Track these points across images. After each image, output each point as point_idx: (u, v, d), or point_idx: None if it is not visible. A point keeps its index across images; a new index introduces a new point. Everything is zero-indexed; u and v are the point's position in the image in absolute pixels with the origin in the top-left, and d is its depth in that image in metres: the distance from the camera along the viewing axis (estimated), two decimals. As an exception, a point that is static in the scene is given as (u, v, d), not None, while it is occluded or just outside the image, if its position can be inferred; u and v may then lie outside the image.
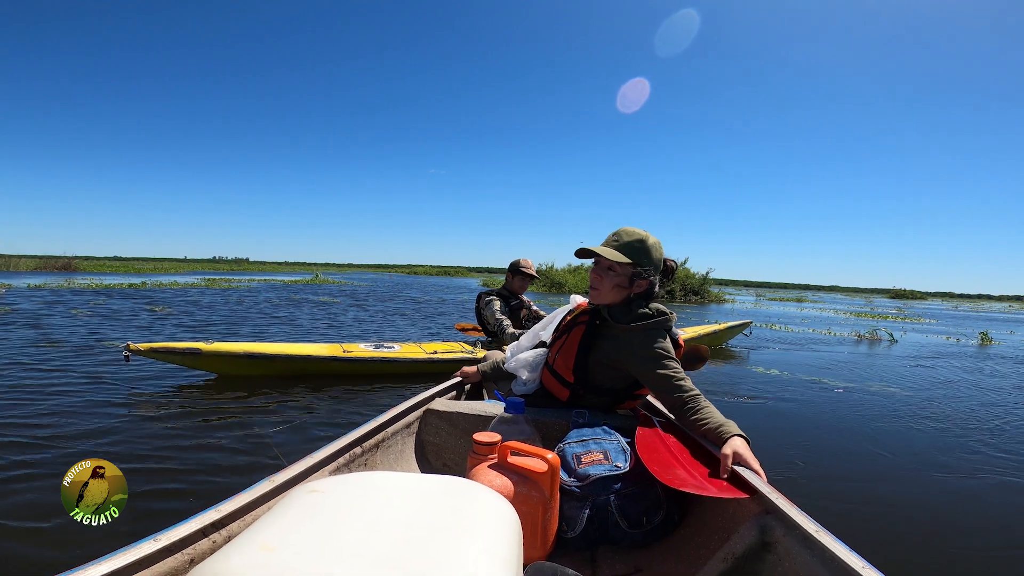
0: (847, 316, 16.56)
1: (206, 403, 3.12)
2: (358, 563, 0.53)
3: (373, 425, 1.43)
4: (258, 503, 0.94)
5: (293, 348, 3.85)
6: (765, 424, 3.41)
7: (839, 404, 4.08)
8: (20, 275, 17.87)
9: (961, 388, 5.00)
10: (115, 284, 14.12)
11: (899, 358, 7.01)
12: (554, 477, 1.06)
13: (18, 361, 3.95)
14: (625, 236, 1.50)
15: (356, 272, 55.76)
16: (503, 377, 1.90)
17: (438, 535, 0.60)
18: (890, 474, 2.59)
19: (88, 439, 2.43)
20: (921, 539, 1.93)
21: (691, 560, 1.10)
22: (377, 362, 3.88)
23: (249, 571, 0.52)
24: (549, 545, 1.08)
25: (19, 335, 5.16)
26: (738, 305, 19.34)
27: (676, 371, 1.41)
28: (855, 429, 3.37)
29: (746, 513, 1.05)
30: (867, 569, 0.75)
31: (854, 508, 2.17)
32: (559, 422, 1.53)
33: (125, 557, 0.70)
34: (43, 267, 22.83)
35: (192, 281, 17.46)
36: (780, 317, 13.77)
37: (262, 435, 2.59)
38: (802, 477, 2.46)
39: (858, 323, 13.28)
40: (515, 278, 4.02)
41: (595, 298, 1.56)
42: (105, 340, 5.07)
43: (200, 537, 0.82)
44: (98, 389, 3.28)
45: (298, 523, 0.61)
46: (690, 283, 20.62)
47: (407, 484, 0.71)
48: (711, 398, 1.45)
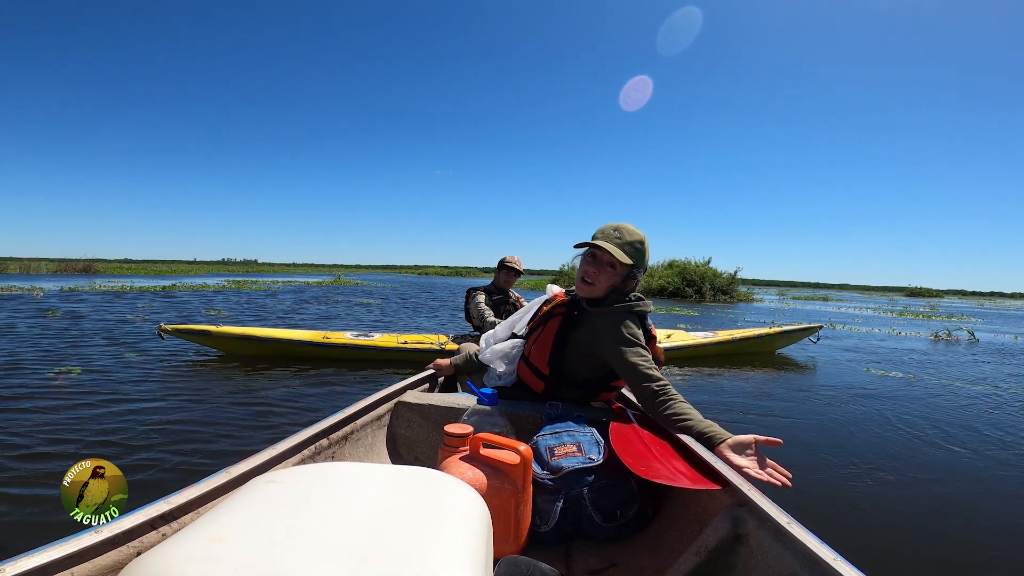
0: (891, 315, 16.21)
1: (213, 373, 3.98)
2: (316, 556, 0.50)
3: (341, 416, 1.38)
4: (213, 495, 0.90)
5: (281, 333, 4.55)
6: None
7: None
8: (42, 278, 17.75)
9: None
10: (148, 287, 14.04)
11: (994, 359, 6.72)
12: (527, 470, 1.04)
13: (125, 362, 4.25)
14: (627, 235, 1.47)
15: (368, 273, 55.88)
16: (476, 369, 1.88)
17: (403, 527, 0.57)
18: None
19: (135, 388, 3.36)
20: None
21: (665, 554, 1.09)
22: (352, 348, 4.40)
23: (195, 563, 0.48)
24: (522, 539, 1.06)
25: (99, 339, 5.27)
26: (765, 304, 18.96)
27: (646, 359, 1.40)
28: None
29: (719, 505, 1.04)
30: (838, 561, 0.74)
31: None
32: (533, 414, 1.51)
33: (62, 549, 0.66)
34: (63, 270, 22.73)
35: (219, 283, 17.40)
36: (826, 317, 13.38)
37: (255, 397, 3.28)
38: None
39: (913, 323, 13.05)
40: (500, 273, 4.23)
41: (587, 292, 1.51)
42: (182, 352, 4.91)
43: (148, 529, 0.78)
44: (162, 357, 4.44)
45: (253, 514, 0.58)
46: (718, 282, 20.28)
47: (371, 475, 0.69)
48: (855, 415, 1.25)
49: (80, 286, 13.23)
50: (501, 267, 4.22)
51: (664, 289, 19.93)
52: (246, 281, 20.41)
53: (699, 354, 5.47)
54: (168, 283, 16.37)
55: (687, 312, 13.14)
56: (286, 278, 27.44)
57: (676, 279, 20.11)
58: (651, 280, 21.21)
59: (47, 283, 14.29)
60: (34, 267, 23.17)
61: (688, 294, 19.33)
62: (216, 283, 17.64)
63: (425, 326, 7.46)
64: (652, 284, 20.67)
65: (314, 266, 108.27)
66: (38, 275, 19.95)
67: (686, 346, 5.29)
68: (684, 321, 10.23)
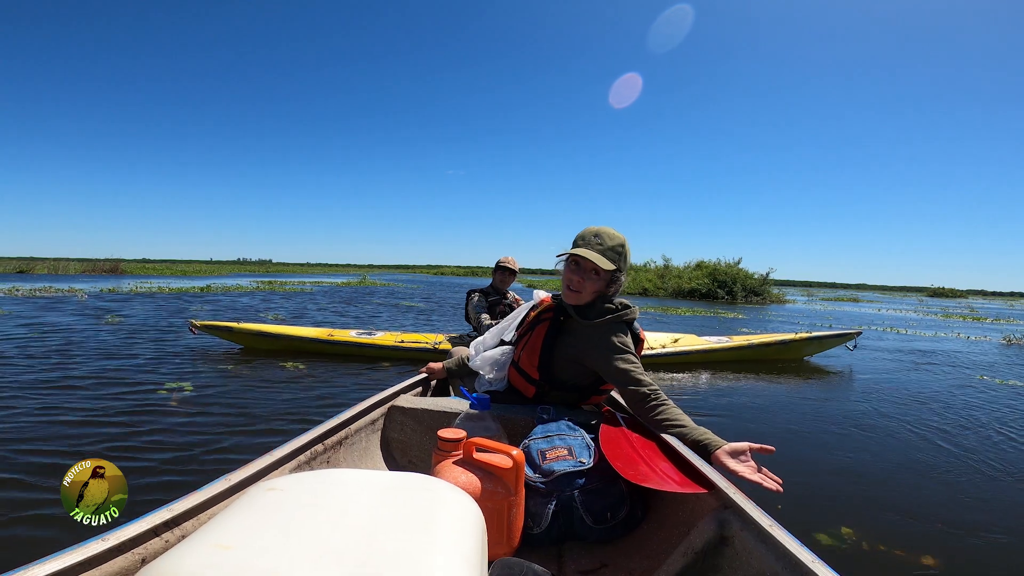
0: (934, 317, 15.74)
1: (233, 364, 4.50)
2: (317, 561, 0.52)
3: (336, 422, 1.40)
4: (214, 501, 0.91)
5: (293, 330, 5.05)
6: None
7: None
8: (70, 278, 17.88)
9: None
10: (185, 288, 14.01)
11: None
12: (519, 473, 1.05)
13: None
14: (608, 240, 1.48)
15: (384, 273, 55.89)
16: (469, 373, 1.90)
17: (400, 532, 0.59)
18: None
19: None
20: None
21: (654, 555, 1.11)
22: (353, 345, 4.88)
23: (203, 571, 0.50)
24: (515, 541, 1.08)
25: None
26: (797, 306, 18.58)
27: (636, 365, 1.43)
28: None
29: (705, 508, 1.06)
30: (816, 563, 0.77)
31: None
32: (525, 418, 1.53)
33: (72, 556, 0.68)
34: (90, 270, 22.89)
35: (249, 284, 17.32)
36: (866, 319, 13.05)
37: (267, 384, 3.81)
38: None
39: (966, 326, 12.84)
40: (497, 274, 4.30)
41: (573, 299, 1.52)
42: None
43: (152, 536, 0.79)
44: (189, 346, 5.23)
45: (256, 521, 0.59)
46: (750, 283, 19.95)
47: (368, 481, 0.70)
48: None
49: (117, 287, 13.27)
50: (497, 268, 4.30)
51: (695, 291, 19.60)
52: (276, 282, 20.51)
53: (709, 360, 5.22)
54: (202, 284, 16.40)
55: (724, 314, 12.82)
56: (313, 279, 27.53)
57: (707, 280, 19.77)
58: (680, 281, 20.90)
59: (80, 284, 14.38)
60: (62, 267, 23.36)
61: (720, 296, 19.00)
62: (246, 284, 17.63)
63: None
64: (683, 285, 20.35)
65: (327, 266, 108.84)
66: (66, 275, 20.10)
67: (693, 351, 5.05)
68: (717, 323, 9.98)
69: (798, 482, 2.31)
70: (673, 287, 20.83)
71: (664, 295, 20.66)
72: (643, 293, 21.00)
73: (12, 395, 3.14)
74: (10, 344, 4.85)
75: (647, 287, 21.40)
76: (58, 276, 19.43)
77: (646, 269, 24.06)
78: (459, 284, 26.14)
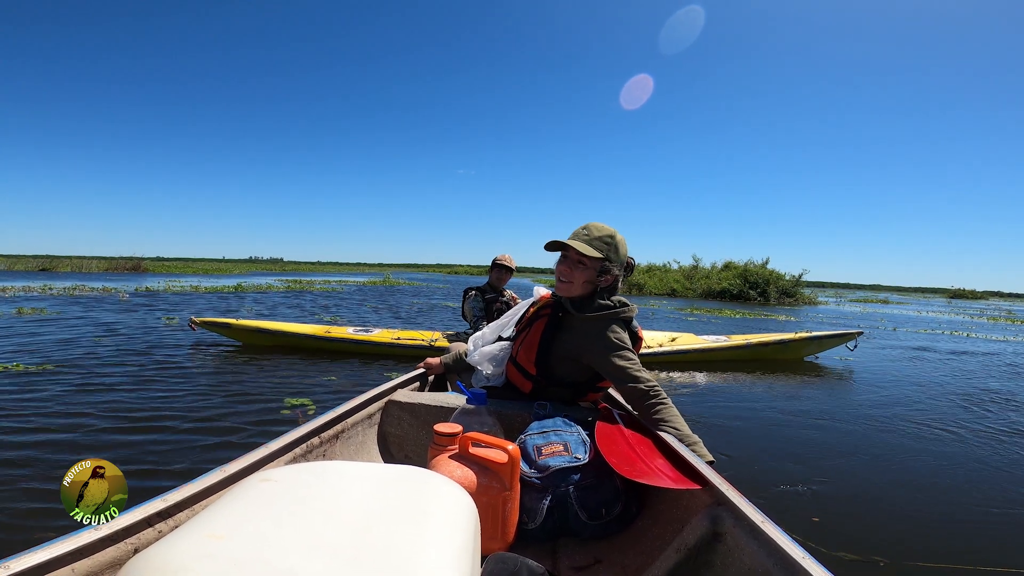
0: (978, 320, 15.33)
1: (231, 360, 4.43)
2: (311, 552, 0.51)
3: (333, 415, 1.40)
4: (208, 492, 0.91)
5: (290, 327, 4.99)
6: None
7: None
8: (94, 276, 17.85)
9: None
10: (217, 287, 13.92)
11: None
12: (514, 468, 1.05)
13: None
14: (595, 231, 1.52)
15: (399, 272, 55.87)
16: (466, 369, 1.90)
17: (394, 525, 0.58)
18: None
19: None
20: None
21: (648, 550, 1.11)
22: (349, 342, 4.77)
23: (195, 560, 0.49)
24: (510, 536, 1.08)
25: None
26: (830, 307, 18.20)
27: (633, 362, 1.44)
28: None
29: (699, 504, 1.07)
30: (806, 560, 0.78)
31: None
32: (521, 414, 1.53)
33: (64, 546, 0.68)
34: (113, 268, 22.90)
35: (278, 284, 17.22)
36: (902, 322, 12.65)
37: (263, 378, 3.74)
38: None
39: (1016, 329, 12.38)
40: (493, 272, 4.33)
41: (565, 291, 1.55)
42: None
43: (145, 526, 0.79)
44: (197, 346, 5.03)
45: (249, 512, 0.58)
46: (781, 284, 19.65)
47: (363, 473, 0.70)
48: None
49: (150, 286, 13.14)
50: (494, 266, 4.31)
51: (727, 292, 19.29)
52: (304, 281, 20.52)
53: (708, 359, 5.19)
54: (232, 283, 16.28)
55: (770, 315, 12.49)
56: (336, 277, 27.46)
57: (738, 281, 19.47)
58: (710, 282, 20.62)
59: (110, 283, 14.32)
60: (85, 266, 23.41)
61: (752, 296, 18.69)
62: (274, 283, 17.51)
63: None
64: (713, 286, 20.06)
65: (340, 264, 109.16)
66: (90, 273, 20.10)
67: (690, 350, 5.04)
68: (768, 325, 9.72)
69: (789, 480, 2.31)
70: (702, 288, 20.53)
71: (693, 296, 20.41)
72: (671, 294, 20.72)
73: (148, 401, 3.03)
74: (114, 352, 4.49)
75: (675, 288, 21.11)
76: (82, 274, 19.41)
77: (672, 270, 23.75)
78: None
